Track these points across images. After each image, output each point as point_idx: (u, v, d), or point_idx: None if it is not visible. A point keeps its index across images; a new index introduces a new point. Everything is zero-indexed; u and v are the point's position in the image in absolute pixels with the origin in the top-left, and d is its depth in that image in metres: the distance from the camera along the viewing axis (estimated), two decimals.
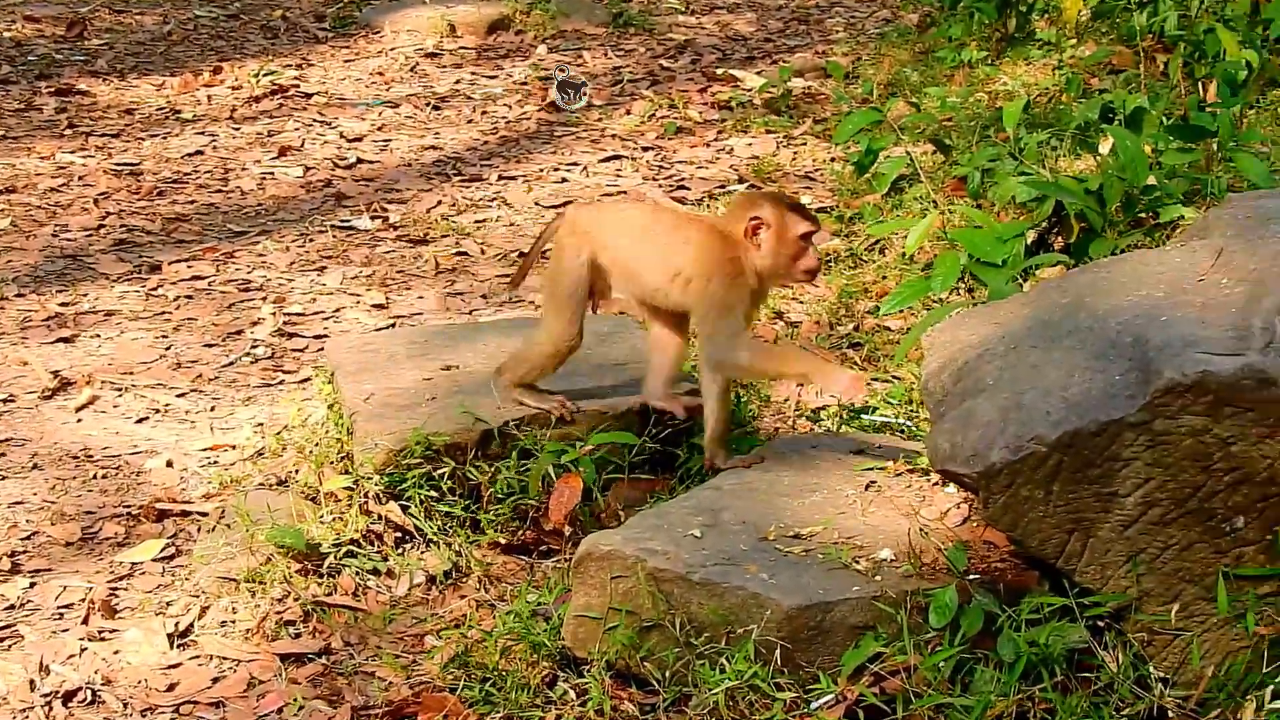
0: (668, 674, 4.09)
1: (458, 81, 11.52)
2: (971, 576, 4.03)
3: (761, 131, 9.81)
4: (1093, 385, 3.78)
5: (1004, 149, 7.89)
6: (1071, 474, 3.76)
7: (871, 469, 4.62)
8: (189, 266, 7.76)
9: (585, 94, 10.38)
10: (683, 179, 9.00)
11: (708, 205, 8.31)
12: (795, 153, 9.33)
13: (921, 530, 4.23)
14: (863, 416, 5.61)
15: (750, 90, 10.79)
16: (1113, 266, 4.32)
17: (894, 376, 6.02)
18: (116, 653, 4.58)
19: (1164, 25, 9.71)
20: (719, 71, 11.52)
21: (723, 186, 8.66)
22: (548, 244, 5.24)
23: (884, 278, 7.09)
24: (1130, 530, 3.79)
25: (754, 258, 4.78)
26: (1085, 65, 9.83)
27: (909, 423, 5.47)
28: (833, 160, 8.97)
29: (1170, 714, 3.82)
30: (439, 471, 5.05)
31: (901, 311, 6.25)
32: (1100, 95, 9.26)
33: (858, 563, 4.12)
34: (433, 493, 5.02)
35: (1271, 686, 3.77)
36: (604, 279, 5.09)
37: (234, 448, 5.84)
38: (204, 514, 5.33)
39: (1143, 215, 6.42)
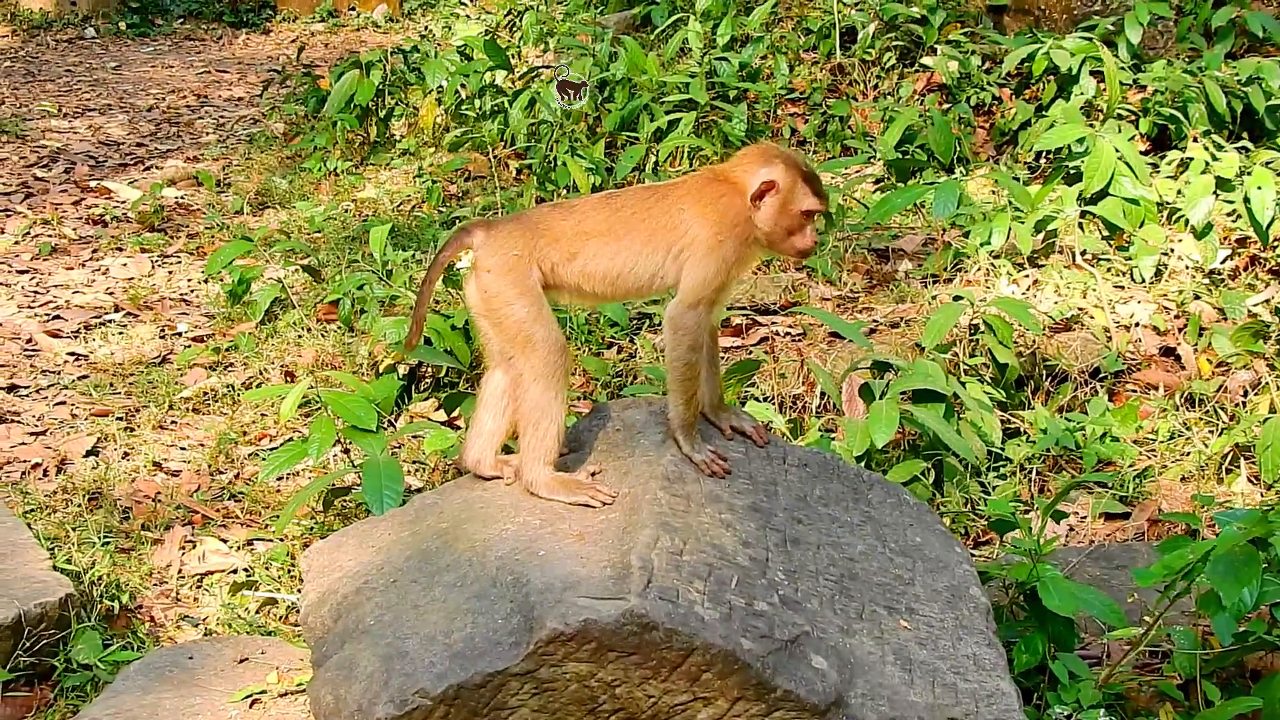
0: None
1: None
2: None
3: (136, 250, 8.83)
4: (475, 631, 3.28)
5: (372, 275, 7.40)
6: None
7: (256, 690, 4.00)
8: None
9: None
10: (58, 306, 7.91)
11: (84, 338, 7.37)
12: (171, 272, 8.45)
13: None
14: (245, 593, 4.97)
15: (124, 203, 9.82)
16: (491, 485, 3.81)
17: (276, 536, 5.37)
18: None
19: (515, 136, 9.46)
20: (93, 183, 10.47)
21: (98, 315, 7.70)
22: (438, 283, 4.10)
23: (264, 416, 6.42)
24: None
25: (753, 218, 3.84)
26: (443, 172, 9.41)
27: (293, 597, 4.86)
28: (207, 281, 8.14)
29: None
30: None
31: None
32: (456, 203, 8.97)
33: None
34: None
35: None
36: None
37: None
38: None
39: None
